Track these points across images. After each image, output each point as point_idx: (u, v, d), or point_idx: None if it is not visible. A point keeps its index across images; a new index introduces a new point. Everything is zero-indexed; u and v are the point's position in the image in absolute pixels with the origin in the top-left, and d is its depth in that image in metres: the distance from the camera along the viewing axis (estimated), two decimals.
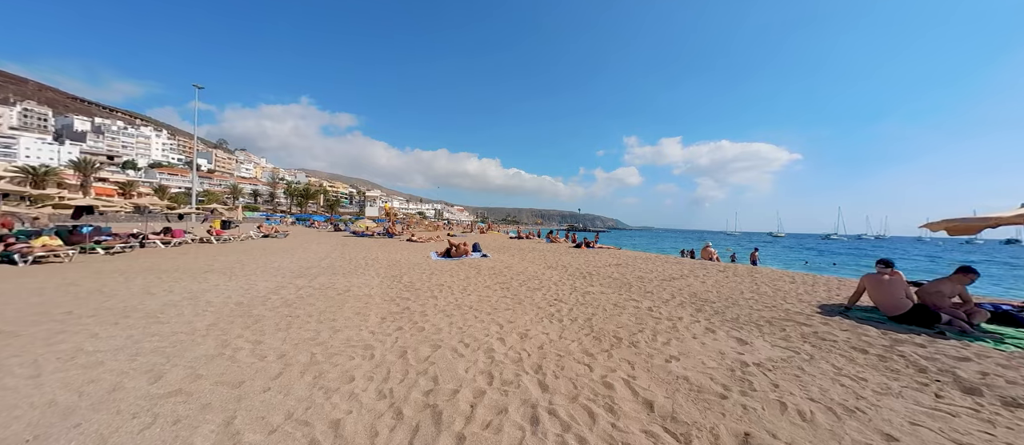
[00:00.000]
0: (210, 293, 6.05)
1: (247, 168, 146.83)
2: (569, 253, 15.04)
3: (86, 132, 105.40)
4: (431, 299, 5.87)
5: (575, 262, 11.58)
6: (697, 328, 4.43)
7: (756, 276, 8.73)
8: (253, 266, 9.37)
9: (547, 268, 10.08)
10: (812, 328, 4.49)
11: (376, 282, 7.38)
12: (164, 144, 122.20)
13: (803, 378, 3.05)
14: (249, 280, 7.35)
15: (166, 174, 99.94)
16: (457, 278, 8.02)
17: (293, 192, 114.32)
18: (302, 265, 9.76)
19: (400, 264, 10.46)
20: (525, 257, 13.15)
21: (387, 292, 6.41)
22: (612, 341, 3.92)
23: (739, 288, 7.16)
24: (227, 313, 4.85)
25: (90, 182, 58.06)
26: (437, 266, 10.11)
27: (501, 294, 6.36)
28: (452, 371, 3.10)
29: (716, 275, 8.87)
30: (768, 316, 5.03)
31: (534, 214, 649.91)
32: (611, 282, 7.78)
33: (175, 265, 9.27)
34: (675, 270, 9.77)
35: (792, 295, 6.52)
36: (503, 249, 16.85)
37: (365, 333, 4.11)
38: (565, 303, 5.72)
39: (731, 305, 5.68)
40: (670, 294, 6.49)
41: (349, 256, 12.34)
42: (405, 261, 11.23)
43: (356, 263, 10.46)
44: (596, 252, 15.65)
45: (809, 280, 8.23)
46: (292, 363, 3.22)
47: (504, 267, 10.07)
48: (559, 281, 7.85)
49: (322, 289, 6.56)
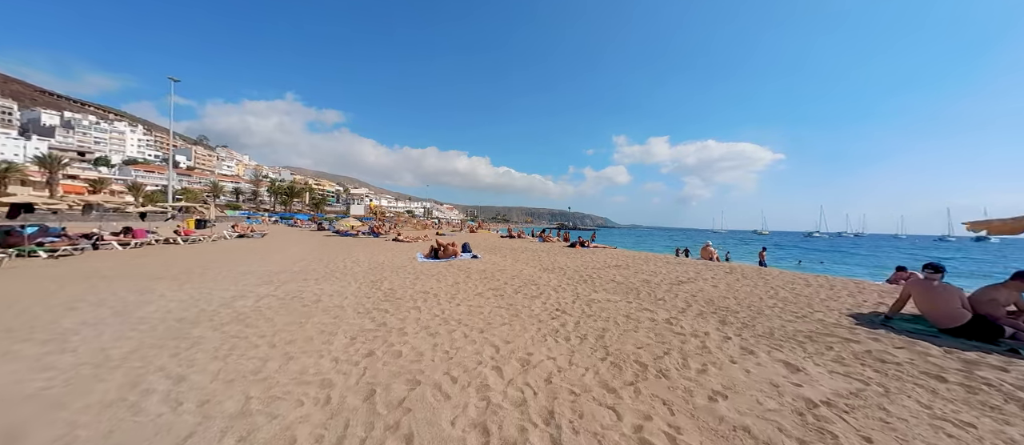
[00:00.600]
0: (149, 306, 5.10)
1: (229, 165, 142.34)
2: (564, 253, 14.32)
3: (55, 127, 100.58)
4: (413, 311, 5.03)
5: (572, 263, 10.85)
6: (731, 348, 3.72)
7: (767, 278, 8.12)
8: (215, 271, 8.36)
9: (543, 270, 9.32)
10: (862, 345, 3.82)
11: (352, 289, 6.50)
12: (140, 140, 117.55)
13: (894, 424, 2.34)
14: (204, 288, 6.39)
15: (142, 171, 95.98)
16: (445, 283, 7.19)
17: (277, 190, 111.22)
18: (272, 269, 8.79)
19: (383, 267, 9.56)
20: (518, 258, 12.37)
21: (363, 302, 5.54)
22: (635, 369, 3.17)
23: (755, 293, 6.51)
24: (160, 334, 3.94)
25: (57, 179, 55.05)
26: (423, 269, 9.25)
27: (495, 303, 5.56)
28: (433, 424, 2.30)
29: (726, 277, 8.23)
30: (804, 329, 4.36)
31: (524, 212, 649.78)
32: (616, 287, 7.05)
33: (123, 270, 8.20)
34: (681, 272, 9.12)
35: (816, 301, 5.89)
36: (494, 249, 16.05)
37: (326, 362, 3.26)
38: (569, 314, 4.95)
39: (757, 315, 5.00)
40: (685, 302, 5.78)
41: (328, 258, 11.37)
42: (389, 263, 10.33)
43: (334, 266, 9.53)
44: (592, 252, 14.97)
45: (825, 283, 7.66)
46: (213, 415, 2.36)
47: (497, 270, 9.27)
48: (558, 286, 7.10)
49: (287, 299, 5.65)
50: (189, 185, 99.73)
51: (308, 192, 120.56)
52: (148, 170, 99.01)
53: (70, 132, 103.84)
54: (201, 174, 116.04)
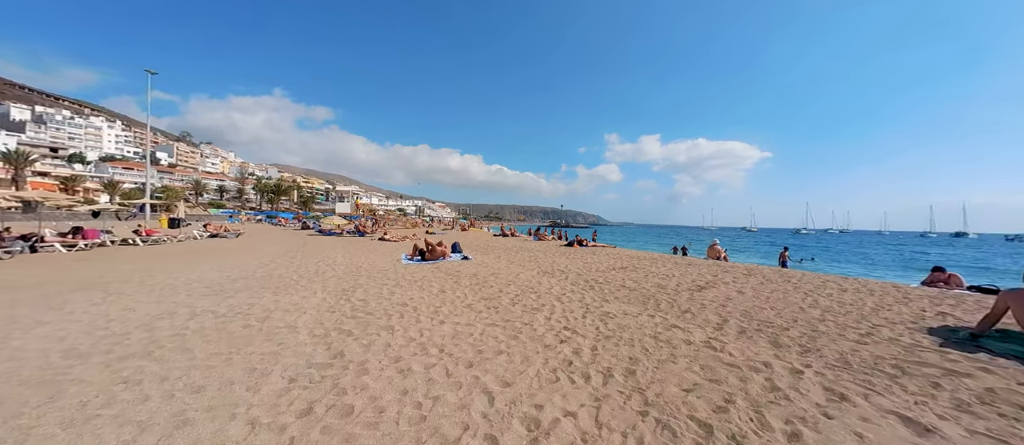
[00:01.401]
0: (40, 329, 3.94)
1: (213, 163, 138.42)
2: (562, 253, 13.34)
3: (25, 122, 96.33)
4: (385, 332, 3.97)
5: (573, 265, 9.85)
6: (810, 388, 2.73)
7: (795, 282, 7.22)
8: (158, 278, 7.14)
9: (542, 274, 8.30)
10: (975, 379, 2.88)
11: (315, 302, 5.38)
12: (118, 136, 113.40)
13: None
14: (131, 302, 5.22)
15: (120, 168, 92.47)
16: (428, 292, 6.12)
17: (263, 188, 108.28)
18: (230, 275, 7.61)
19: (360, 271, 8.43)
20: (513, 259, 11.34)
21: (324, 320, 4.45)
22: (696, 435, 2.16)
23: (791, 300, 5.58)
24: (21, 378, 2.81)
25: (24, 176, 52.25)
26: (407, 273, 8.16)
27: (488, 319, 4.52)
28: None
29: (748, 281, 7.31)
30: (883, 354, 3.41)
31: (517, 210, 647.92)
32: (628, 295, 6.06)
33: (48, 278, 6.95)
34: (695, 274, 8.18)
35: (867, 310, 4.98)
36: (487, 249, 14.99)
37: (235, 430, 2.18)
38: (582, 335, 3.94)
39: (812, 333, 4.04)
40: (717, 315, 4.81)
41: (300, 261, 10.18)
42: (368, 266, 9.20)
43: (304, 271, 8.37)
44: (591, 251, 14.02)
45: (860, 286, 6.78)
46: None
47: (489, 274, 8.22)
48: (562, 294, 6.08)
49: (228, 317, 4.53)
50: (170, 183, 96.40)
51: (296, 190, 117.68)
52: (126, 167, 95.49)
53: (42, 127, 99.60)
54: (183, 171, 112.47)
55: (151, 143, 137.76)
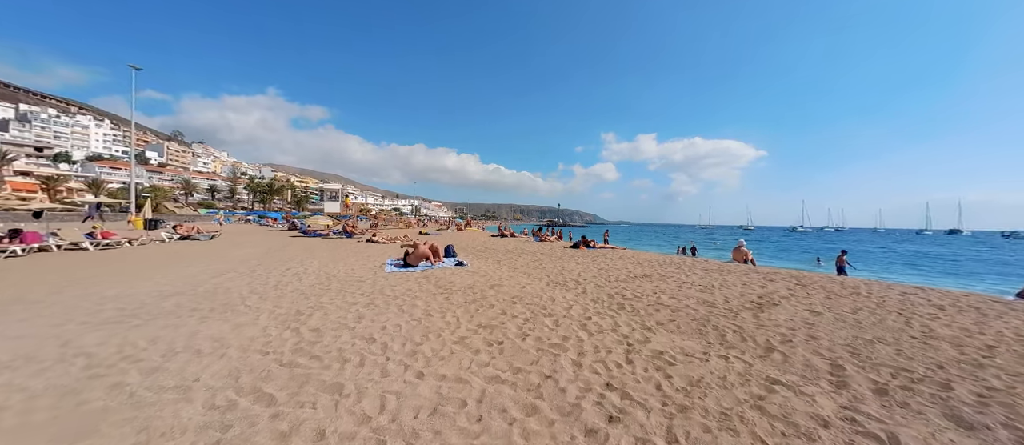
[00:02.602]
0: None
1: (205, 162, 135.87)
2: (569, 257, 11.91)
3: (8, 120, 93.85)
4: (324, 400, 2.50)
5: (586, 272, 8.42)
6: None
7: (869, 295, 5.83)
8: (68, 294, 5.61)
9: (552, 285, 6.85)
10: None
11: (251, 333, 3.90)
12: (106, 135, 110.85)
13: None
14: None
15: (107, 168, 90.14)
16: (409, 316, 4.65)
17: (255, 188, 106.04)
18: (166, 289, 6.09)
19: (331, 282, 6.93)
20: (515, 264, 9.89)
21: (245, 368, 2.97)
22: None
23: (893, 326, 4.17)
24: None
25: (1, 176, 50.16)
26: (387, 285, 6.68)
27: (489, 368, 3.07)
28: None
29: (814, 296, 5.90)
30: None
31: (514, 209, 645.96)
32: (673, 317, 4.62)
33: None
34: (738, 285, 6.75)
35: (994, 339, 3.58)
36: (485, 252, 13.53)
37: None
38: (641, 403, 2.49)
39: (985, 390, 2.63)
40: (818, 355, 3.37)
41: (265, 268, 8.66)
42: (344, 275, 7.70)
43: (262, 282, 6.86)
44: (601, 254, 12.60)
45: (945, 300, 5.38)
46: None
47: (489, 285, 6.76)
48: (585, 317, 4.63)
49: (103, 367, 3.04)
50: (159, 182, 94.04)
51: (290, 189, 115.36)
52: (114, 166, 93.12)
53: (27, 126, 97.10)
54: (174, 171, 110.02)
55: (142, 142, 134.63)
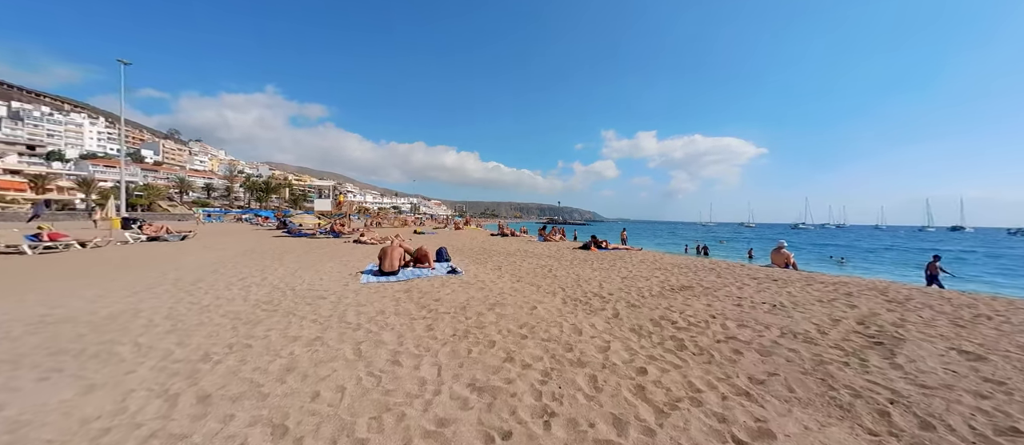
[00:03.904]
0: None
1: (201, 160, 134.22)
2: (580, 260, 10.35)
3: (0, 118, 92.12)
4: None
5: (607, 281, 6.84)
6: None
7: (1007, 320, 4.26)
8: None
9: (571, 303, 5.28)
10: None
11: (86, 415, 2.34)
12: (100, 133, 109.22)
13: None
14: None
15: (102, 166, 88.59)
16: (364, 370, 3.08)
17: (252, 186, 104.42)
18: (61, 312, 4.52)
19: (282, 301, 5.35)
20: (520, 271, 8.32)
21: None
22: None
23: None
24: None
25: None
26: (354, 305, 5.10)
27: None
28: None
29: (941, 324, 4.33)
30: None
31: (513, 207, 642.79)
32: (769, 366, 3.05)
33: None
34: (817, 301, 5.18)
35: None
36: (484, 255, 11.96)
37: None
38: None
39: None
40: None
41: (214, 279, 7.09)
42: (307, 288, 6.14)
43: (190, 303, 5.29)
44: (616, 256, 11.03)
45: None
46: None
47: (488, 305, 5.17)
48: (633, 366, 3.06)
49: None
50: (154, 181, 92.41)
51: (287, 188, 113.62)
52: (108, 164, 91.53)
53: (19, 124, 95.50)
54: (169, 169, 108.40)
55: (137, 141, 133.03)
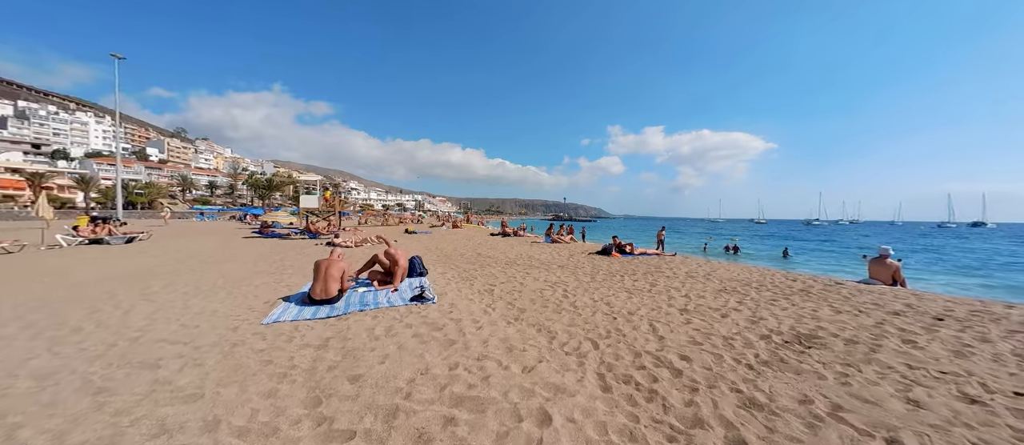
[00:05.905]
0: None
1: (207, 159, 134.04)
2: (602, 272, 7.93)
3: (7, 117, 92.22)
4: None
5: (660, 319, 4.44)
6: None
7: None
8: None
9: (614, 387, 2.90)
10: None
11: None
12: (105, 131, 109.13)
13: None
14: None
15: (106, 164, 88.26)
16: None
17: (255, 184, 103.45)
18: None
19: (115, 365, 3.06)
20: (520, 296, 5.93)
21: None
22: None
23: None
24: None
25: None
26: (210, 384, 2.79)
27: None
28: None
29: None
30: None
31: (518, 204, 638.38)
32: None
33: None
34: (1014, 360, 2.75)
35: None
36: (477, 262, 9.59)
37: None
38: None
39: None
40: None
41: (66, 311, 4.83)
42: (172, 336, 3.83)
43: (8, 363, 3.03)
44: (652, 266, 8.60)
45: None
46: None
47: (448, 402, 2.82)
48: None
49: None
50: (157, 179, 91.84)
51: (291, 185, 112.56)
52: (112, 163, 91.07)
53: (25, 123, 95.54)
54: (174, 167, 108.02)
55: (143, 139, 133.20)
